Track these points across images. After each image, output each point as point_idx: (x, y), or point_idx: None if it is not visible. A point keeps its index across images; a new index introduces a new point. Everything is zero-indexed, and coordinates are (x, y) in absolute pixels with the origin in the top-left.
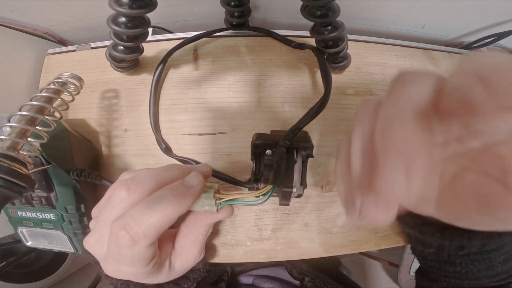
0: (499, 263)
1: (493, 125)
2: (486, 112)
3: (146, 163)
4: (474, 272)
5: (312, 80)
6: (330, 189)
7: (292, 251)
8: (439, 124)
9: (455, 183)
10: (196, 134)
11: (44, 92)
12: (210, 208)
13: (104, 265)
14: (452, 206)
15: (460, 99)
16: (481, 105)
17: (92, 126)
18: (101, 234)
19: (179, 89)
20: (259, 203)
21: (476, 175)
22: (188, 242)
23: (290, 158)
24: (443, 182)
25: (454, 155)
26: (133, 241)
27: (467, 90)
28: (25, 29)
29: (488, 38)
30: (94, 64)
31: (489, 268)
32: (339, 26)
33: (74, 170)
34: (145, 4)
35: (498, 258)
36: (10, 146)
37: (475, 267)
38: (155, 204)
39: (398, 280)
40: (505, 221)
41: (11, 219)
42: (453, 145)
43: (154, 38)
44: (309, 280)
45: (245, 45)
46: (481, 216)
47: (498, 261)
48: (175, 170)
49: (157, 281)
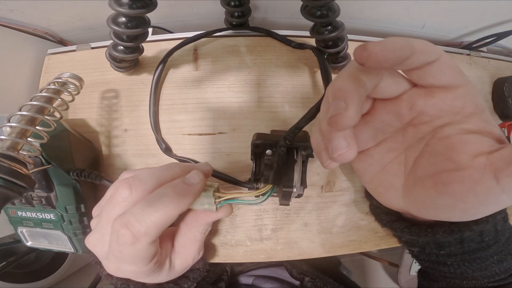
0: (493, 263)
1: (431, 103)
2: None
3: (146, 163)
4: (469, 272)
5: (312, 80)
6: (330, 189)
7: (292, 251)
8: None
9: (415, 167)
10: (196, 134)
11: (44, 92)
12: (209, 207)
13: (106, 263)
14: (415, 189)
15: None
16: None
17: (92, 126)
18: (102, 233)
19: (179, 89)
20: (259, 202)
21: (430, 156)
22: (187, 240)
23: (290, 158)
24: (406, 168)
25: (413, 141)
26: (134, 239)
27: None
28: (25, 29)
29: (488, 38)
30: (94, 64)
31: (483, 268)
32: (339, 26)
33: (74, 170)
34: (145, 4)
35: (491, 259)
36: (10, 146)
37: (468, 267)
38: (157, 201)
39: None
40: (462, 198)
41: (11, 219)
42: (410, 129)
43: (154, 38)
44: (309, 280)
45: (245, 45)
46: (439, 195)
47: (492, 261)
48: (176, 169)
49: (157, 280)
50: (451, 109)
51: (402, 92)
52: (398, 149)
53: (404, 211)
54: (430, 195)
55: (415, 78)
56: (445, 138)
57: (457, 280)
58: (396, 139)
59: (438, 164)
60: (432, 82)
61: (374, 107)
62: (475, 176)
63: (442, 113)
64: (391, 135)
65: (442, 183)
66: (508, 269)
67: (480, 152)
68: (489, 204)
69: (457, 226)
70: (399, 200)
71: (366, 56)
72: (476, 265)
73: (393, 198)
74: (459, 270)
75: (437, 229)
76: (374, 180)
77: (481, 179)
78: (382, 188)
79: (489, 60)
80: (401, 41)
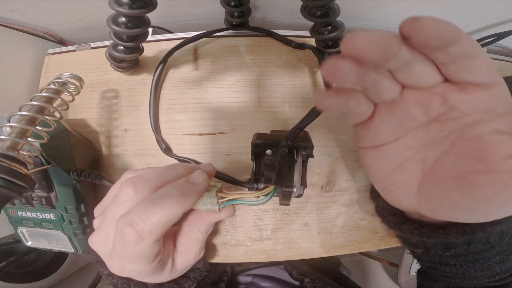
0: (495, 263)
1: (466, 100)
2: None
3: (146, 163)
4: (471, 272)
5: (312, 80)
6: (330, 189)
7: (292, 251)
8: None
9: (437, 167)
10: (196, 134)
11: (44, 92)
12: (212, 207)
13: (109, 262)
14: (435, 190)
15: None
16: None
17: (92, 126)
18: (106, 232)
19: (179, 89)
20: (261, 203)
21: (456, 156)
22: (188, 240)
23: (290, 158)
24: (426, 167)
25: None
26: (139, 237)
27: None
28: (25, 29)
29: (488, 38)
30: (94, 64)
31: (485, 268)
32: (339, 26)
33: (74, 170)
34: (145, 4)
35: (493, 259)
36: (10, 146)
37: (470, 268)
38: (161, 200)
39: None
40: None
41: (11, 219)
42: (434, 126)
43: (154, 38)
44: (309, 280)
45: (245, 45)
46: (462, 197)
47: (494, 261)
48: (180, 168)
49: (159, 280)
50: (485, 107)
51: (434, 84)
52: (417, 146)
53: (412, 210)
54: (452, 196)
55: (452, 73)
56: (475, 138)
57: (458, 280)
58: (417, 135)
59: (466, 165)
60: (469, 79)
61: (402, 97)
62: (505, 180)
63: (474, 110)
64: (413, 131)
65: (468, 185)
66: (509, 269)
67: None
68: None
69: (470, 227)
70: (411, 200)
71: (418, 28)
72: (479, 265)
73: (405, 197)
74: (461, 270)
75: (449, 230)
76: (387, 178)
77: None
78: (395, 186)
79: None
80: (449, 23)
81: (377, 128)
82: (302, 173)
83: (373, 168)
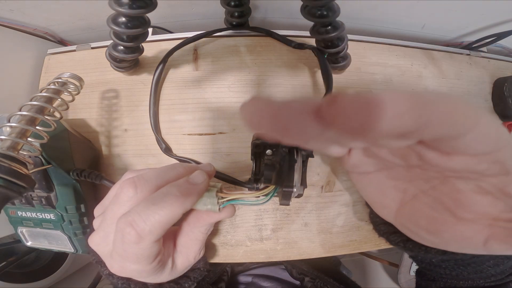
0: (489, 267)
1: (447, 164)
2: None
3: (146, 163)
4: (464, 274)
5: (312, 80)
6: (330, 189)
7: (292, 251)
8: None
9: (414, 202)
10: (196, 134)
11: (44, 92)
12: (212, 207)
13: (110, 262)
14: (407, 220)
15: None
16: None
17: (92, 126)
18: (107, 232)
19: (179, 89)
20: (261, 203)
21: (433, 201)
22: (188, 240)
23: (290, 158)
24: (405, 198)
25: (418, 179)
26: (139, 237)
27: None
28: (25, 29)
29: (488, 38)
30: (94, 64)
31: (478, 271)
32: (339, 26)
33: (74, 170)
34: (145, 4)
35: (486, 263)
36: (10, 146)
37: (463, 270)
38: (161, 200)
39: (398, 280)
40: (447, 244)
41: (11, 219)
42: (415, 170)
43: (154, 38)
44: (309, 280)
45: (245, 45)
46: (428, 235)
47: (488, 265)
48: (180, 169)
49: (159, 280)
50: (472, 170)
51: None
52: (400, 179)
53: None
54: (419, 232)
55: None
56: (455, 191)
57: (453, 280)
58: (399, 172)
59: (439, 212)
60: (458, 152)
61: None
62: (467, 234)
63: (456, 173)
64: (394, 168)
65: (435, 229)
66: (505, 270)
67: (485, 216)
68: (469, 252)
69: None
70: (391, 219)
71: (334, 112)
72: (471, 269)
73: (386, 216)
74: (454, 272)
75: (430, 248)
76: (371, 197)
77: (471, 238)
78: (377, 205)
79: (489, 60)
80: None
81: (356, 164)
82: (302, 173)
83: (358, 187)
